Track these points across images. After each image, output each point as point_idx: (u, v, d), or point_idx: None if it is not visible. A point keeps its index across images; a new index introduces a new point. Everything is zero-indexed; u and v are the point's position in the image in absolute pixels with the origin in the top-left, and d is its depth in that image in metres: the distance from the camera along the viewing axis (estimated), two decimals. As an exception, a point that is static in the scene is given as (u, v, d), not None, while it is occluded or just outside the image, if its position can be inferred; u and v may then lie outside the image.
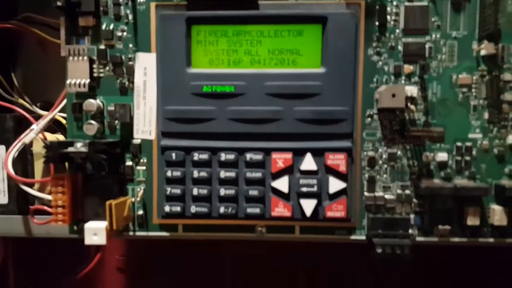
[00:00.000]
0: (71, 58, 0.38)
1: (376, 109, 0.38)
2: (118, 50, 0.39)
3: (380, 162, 0.39)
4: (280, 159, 0.38)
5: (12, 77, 0.50)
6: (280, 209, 0.38)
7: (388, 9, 0.38)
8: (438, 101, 0.38)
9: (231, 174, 0.38)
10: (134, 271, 0.55)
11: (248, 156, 0.38)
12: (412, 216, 0.39)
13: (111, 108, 0.39)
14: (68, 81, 0.38)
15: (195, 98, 0.38)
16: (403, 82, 0.38)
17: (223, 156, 0.38)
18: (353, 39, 0.37)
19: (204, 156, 0.38)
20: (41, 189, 0.42)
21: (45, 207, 0.38)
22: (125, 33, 0.39)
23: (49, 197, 0.37)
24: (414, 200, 0.39)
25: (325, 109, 0.37)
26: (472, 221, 0.38)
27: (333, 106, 0.37)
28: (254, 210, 0.38)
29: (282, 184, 0.38)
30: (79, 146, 0.36)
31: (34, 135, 0.40)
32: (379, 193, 0.39)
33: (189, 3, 0.38)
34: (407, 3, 0.38)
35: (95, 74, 0.39)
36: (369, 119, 0.39)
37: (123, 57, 0.39)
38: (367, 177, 0.39)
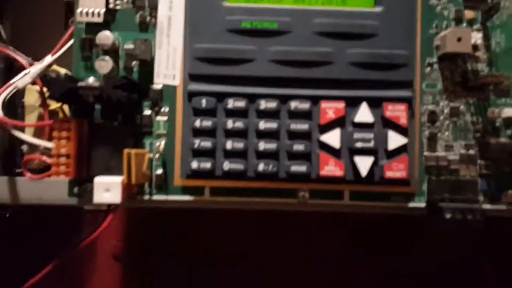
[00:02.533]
0: (83, -16, 0.32)
1: (436, 57, 0.34)
2: (139, -21, 0.33)
3: (442, 117, 0.34)
4: (330, 109, 0.32)
5: (-1, 30, 0.43)
6: (331, 168, 0.32)
7: None
8: (502, 51, 0.34)
9: (272, 125, 0.32)
10: (133, 260, 0.46)
11: (293, 104, 0.32)
12: (478, 179, 0.34)
13: (128, 46, 0.33)
14: (79, 10, 0.32)
15: (231, 36, 0.32)
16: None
17: (263, 104, 0.32)
18: (413, -25, 0.33)
19: (241, 103, 0.32)
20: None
21: (44, 158, 0.31)
22: (147, -41, 0.33)
23: (49, 144, 0.29)
24: (479, 161, 0.34)
25: (383, 52, 0.32)
26: (547, 185, 0.33)
27: (391, 49, 0.32)
28: (299, 168, 0.32)
29: (333, 138, 0.32)
30: (91, 82, 0.29)
31: (30, 80, 0.33)
32: (441, 153, 0.34)
33: None
34: None
35: (111, 6, 0.33)
36: (428, 68, 0.34)
37: (145, -13, 0.33)
38: (427, 134, 0.34)
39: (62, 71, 0.37)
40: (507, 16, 0.34)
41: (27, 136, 0.30)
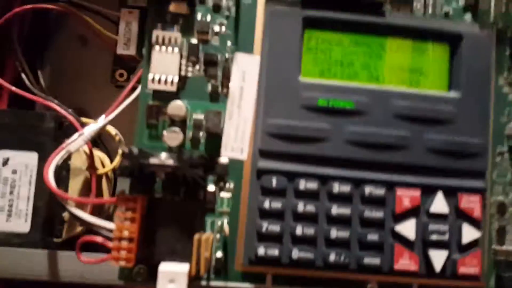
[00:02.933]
0: (157, 47, 0.30)
1: (507, 146, 0.33)
2: (214, 47, 0.31)
3: (511, 209, 0.33)
4: (406, 197, 0.31)
5: (38, 75, 0.40)
6: (405, 261, 0.30)
7: (521, 37, 0.34)
8: None
9: (345, 211, 0.30)
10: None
11: (367, 190, 0.30)
12: (546, 277, 0.32)
13: (197, 116, 0.31)
14: (150, 76, 0.29)
15: (306, 113, 0.31)
16: (534, 119, 0.34)
17: (336, 187, 0.30)
18: (490, 64, 0.32)
19: (313, 185, 0.30)
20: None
21: (98, 239, 0.27)
22: (223, 28, 0.32)
23: (110, 225, 0.27)
24: (547, 257, 0.33)
25: (460, 139, 0.31)
26: None
27: (468, 137, 0.31)
28: (372, 260, 0.30)
29: (408, 228, 0.30)
30: (164, 158, 0.27)
31: (83, 143, 0.30)
32: (510, 247, 0.32)
33: (304, 1, 0.32)
34: (539, 34, 0.34)
35: (182, 73, 0.31)
36: (499, 157, 0.33)
37: (218, 56, 0.31)
38: (496, 227, 0.32)
39: (112, 131, 0.35)
40: None
41: (88, 216, 0.27)
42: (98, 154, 0.36)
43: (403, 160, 0.31)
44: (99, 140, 0.37)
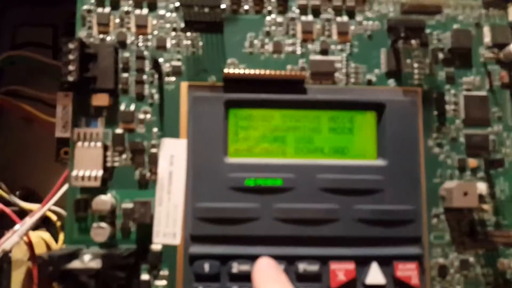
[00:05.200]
0: (79, 143, 0.30)
1: (442, 207, 0.33)
2: (139, 135, 0.32)
3: (452, 271, 0.33)
4: (340, 271, 0.30)
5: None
6: None
7: (446, 98, 0.35)
8: (507, 199, 0.34)
9: (280, 290, 0.30)
10: None
11: (301, 266, 0.30)
12: None
13: (127, 205, 0.31)
14: (74, 173, 0.30)
15: (234, 194, 0.31)
16: (468, 177, 0.34)
17: (269, 267, 0.30)
18: (416, 128, 0.33)
19: (246, 267, 0.30)
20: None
21: None
22: (148, 116, 0.32)
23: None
24: (493, 317, 0.32)
25: (390, 207, 0.31)
26: None
27: (398, 204, 0.32)
28: None
29: (344, 303, 0.30)
30: (87, 260, 0.27)
31: (18, 239, 0.31)
32: (454, 311, 0.32)
33: (226, 85, 0.33)
34: (465, 92, 0.35)
35: (108, 164, 0.31)
36: (435, 219, 0.33)
37: (145, 143, 0.32)
38: (438, 291, 0.32)
39: (54, 216, 0.35)
40: (509, 163, 0.34)
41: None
42: (42, 236, 0.36)
43: (334, 233, 0.31)
44: (40, 223, 0.37)
